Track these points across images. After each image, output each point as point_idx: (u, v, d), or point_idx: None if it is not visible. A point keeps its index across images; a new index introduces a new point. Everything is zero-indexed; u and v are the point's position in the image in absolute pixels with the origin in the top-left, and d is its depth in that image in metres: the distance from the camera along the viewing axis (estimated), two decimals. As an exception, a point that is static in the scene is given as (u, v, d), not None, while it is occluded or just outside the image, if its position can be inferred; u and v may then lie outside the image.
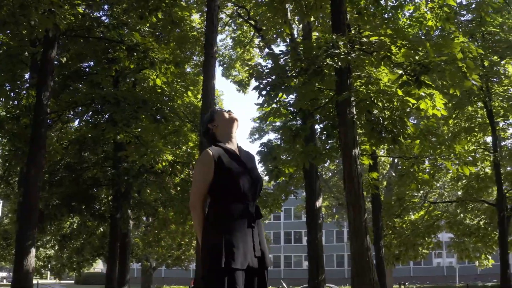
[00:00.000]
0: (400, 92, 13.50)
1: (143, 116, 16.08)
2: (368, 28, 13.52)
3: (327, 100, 14.80)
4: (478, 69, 11.59)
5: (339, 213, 51.54)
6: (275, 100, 13.37)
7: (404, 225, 29.53)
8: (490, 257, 30.88)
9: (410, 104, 13.63)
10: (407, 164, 18.98)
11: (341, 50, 11.40)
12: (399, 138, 14.26)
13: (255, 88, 12.20)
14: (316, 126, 19.72)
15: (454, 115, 26.93)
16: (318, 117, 16.19)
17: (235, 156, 4.60)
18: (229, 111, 4.88)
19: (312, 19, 20.39)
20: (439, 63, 10.75)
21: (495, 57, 23.74)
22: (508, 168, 29.80)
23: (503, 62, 24.52)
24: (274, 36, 29.47)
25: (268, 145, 16.36)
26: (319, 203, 25.28)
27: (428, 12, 15.28)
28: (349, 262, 74.88)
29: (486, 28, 23.91)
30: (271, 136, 55.33)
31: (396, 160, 46.67)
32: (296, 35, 27.57)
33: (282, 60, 12.95)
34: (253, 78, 31.78)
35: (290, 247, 76.07)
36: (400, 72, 13.02)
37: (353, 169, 13.01)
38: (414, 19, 14.88)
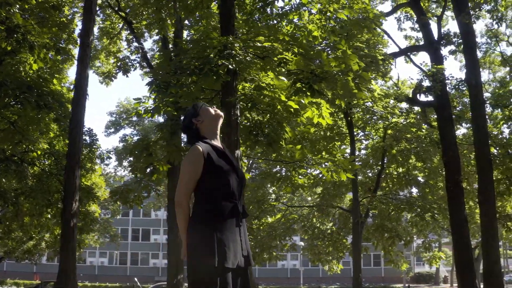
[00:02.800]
0: (283, 98, 13.82)
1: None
2: (255, 33, 13.66)
3: (209, 99, 14.83)
4: (370, 82, 12.10)
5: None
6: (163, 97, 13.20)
7: (261, 227, 30.15)
8: (339, 262, 32.24)
9: (292, 109, 13.97)
10: (284, 167, 19.49)
11: (237, 52, 11.50)
12: (280, 142, 14.56)
13: (149, 83, 12.01)
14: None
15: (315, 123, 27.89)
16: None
17: (223, 153, 4.51)
18: (213, 106, 4.78)
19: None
20: (333, 73, 11.13)
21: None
22: (360, 177, 31.30)
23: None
24: (144, 30, 29.16)
25: (144, 140, 16.13)
26: (181, 201, 25.24)
27: (310, 22, 15.69)
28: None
29: (353, 43, 24.92)
30: (127, 131, 54.64)
31: (251, 162, 47.60)
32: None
33: (174, 57, 12.82)
34: (121, 72, 31.33)
35: (137, 244, 75.20)
36: (284, 78, 13.36)
37: (235, 170, 13.11)
38: (298, 28, 15.21)
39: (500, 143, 26.35)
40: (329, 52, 13.81)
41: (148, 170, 16.11)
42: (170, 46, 26.30)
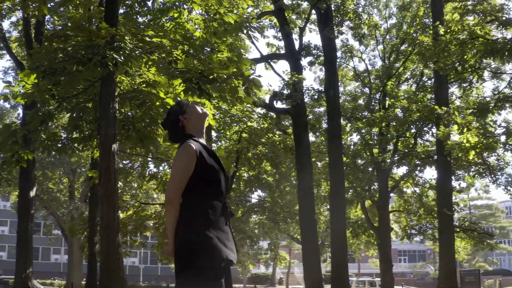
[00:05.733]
0: (162, 94, 13.86)
1: None
2: (137, 27, 13.54)
3: (85, 90, 14.49)
4: (261, 87, 12.41)
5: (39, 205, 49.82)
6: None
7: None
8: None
9: (168, 107, 13.99)
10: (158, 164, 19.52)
11: (126, 45, 11.37)
12: (152, 138, 14.54)
13: (31, 68, 11.56)
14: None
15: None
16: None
17: (212, 152, 4.52)
18: (199, 104, 4.76)
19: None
20: (223, 76, 11.33)
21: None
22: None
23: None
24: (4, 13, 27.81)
25: (11, 127, 15.40)
26: (33, 192, 24.37)
27: (189, 21, 15.76)
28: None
29: (217, 46, 25.32)
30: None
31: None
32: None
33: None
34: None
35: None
36: (164, 74, 13.40)
37: (110, 164, 12.93)
38: (178, 26, 15.19)
39: (349, 153, 27.82)
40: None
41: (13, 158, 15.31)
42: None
